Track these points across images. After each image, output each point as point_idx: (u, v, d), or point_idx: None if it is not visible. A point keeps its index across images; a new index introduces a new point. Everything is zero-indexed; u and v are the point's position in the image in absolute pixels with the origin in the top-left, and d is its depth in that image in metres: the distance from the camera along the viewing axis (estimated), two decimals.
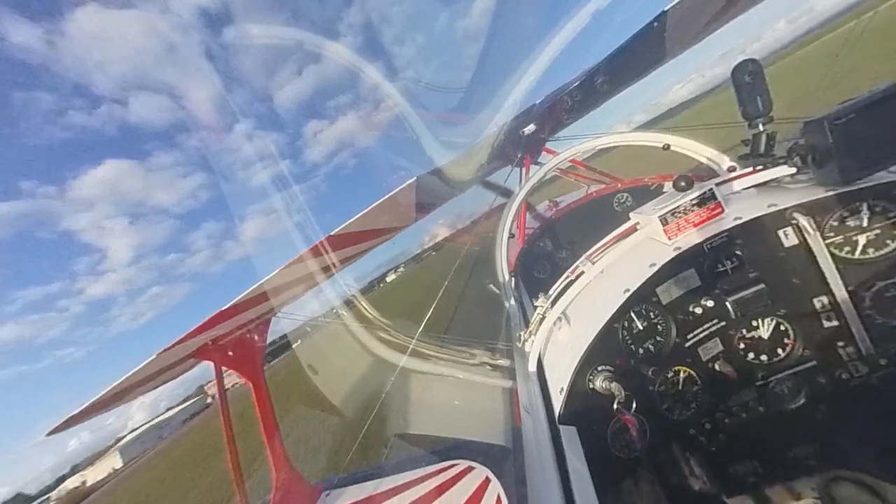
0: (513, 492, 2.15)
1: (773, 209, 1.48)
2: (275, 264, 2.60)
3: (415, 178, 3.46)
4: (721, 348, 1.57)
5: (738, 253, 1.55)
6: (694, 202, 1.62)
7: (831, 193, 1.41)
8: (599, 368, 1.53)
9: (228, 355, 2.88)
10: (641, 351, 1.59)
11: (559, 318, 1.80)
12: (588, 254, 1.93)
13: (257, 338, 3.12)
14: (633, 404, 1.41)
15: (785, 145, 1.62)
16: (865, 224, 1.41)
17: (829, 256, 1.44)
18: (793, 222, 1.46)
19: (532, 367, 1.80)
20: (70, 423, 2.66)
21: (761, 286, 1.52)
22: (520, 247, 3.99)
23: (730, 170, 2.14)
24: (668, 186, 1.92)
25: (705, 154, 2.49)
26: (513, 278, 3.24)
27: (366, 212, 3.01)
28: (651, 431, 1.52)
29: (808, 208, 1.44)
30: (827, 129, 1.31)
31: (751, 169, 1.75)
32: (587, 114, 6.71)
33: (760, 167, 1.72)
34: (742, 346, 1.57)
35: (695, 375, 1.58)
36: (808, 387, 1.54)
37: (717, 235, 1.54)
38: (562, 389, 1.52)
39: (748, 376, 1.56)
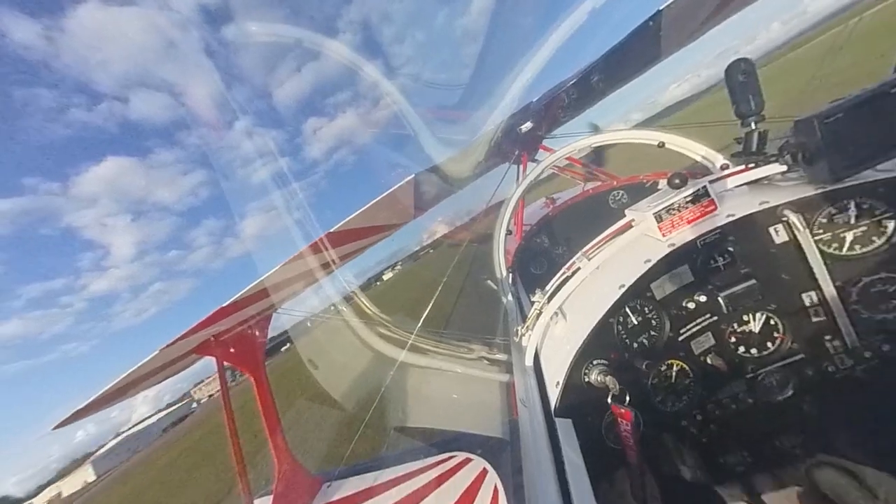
0: (509, 482, 2.18)
1: (765, 206, 1.51)
2: (275, 261, 2.63)
3: (413, 176, 3.49)
4: (713, 342, 1.61)
5: (730, 249, 1.58)
6: (688, 199, 1.64)
7: (820, 191, 1.44)
8: (595, 362, 1.56)
9: (230, 351, 2.91)
10: (636, 345, 1.62)
11: (555, 313, 1.83)
12: (584, 250, 1.95)
13: (258, 333, 3.15)
14: (626, 397, 1.44)
15: (776, 143, 1.64)
16: (853, 221, 1.44)
17: (817, 253, 1.47)
18: (783, 219, 1.49)
19: (529, 362, 1.83)
20: (76, 417, 2.68)
21: (752, 282, 1.55)
22: (517, 243, 4.01)
23: (723, 167, 2.16)
24: (663, 184, 1.95)
25: (699, 152, 2.51)
26: (510, 274, 3.27)
27: (365, 209, 3.04)
28: (644, 423, 1.55)
29: (798, 206, 1.47)
30: (816, 127, 1.33)
31: (743, 167, 1.78)
32: (584, 112, 6.74)
33: (752, 165, 1.75)
34: (733, 339, 1.61)
35: (687, 369, 1.61)
36: (796, 379, 1.57)
37: (711, 232, 1.56)
38: (558, 383, 1.55)
39: (739, 369, 1.60)
